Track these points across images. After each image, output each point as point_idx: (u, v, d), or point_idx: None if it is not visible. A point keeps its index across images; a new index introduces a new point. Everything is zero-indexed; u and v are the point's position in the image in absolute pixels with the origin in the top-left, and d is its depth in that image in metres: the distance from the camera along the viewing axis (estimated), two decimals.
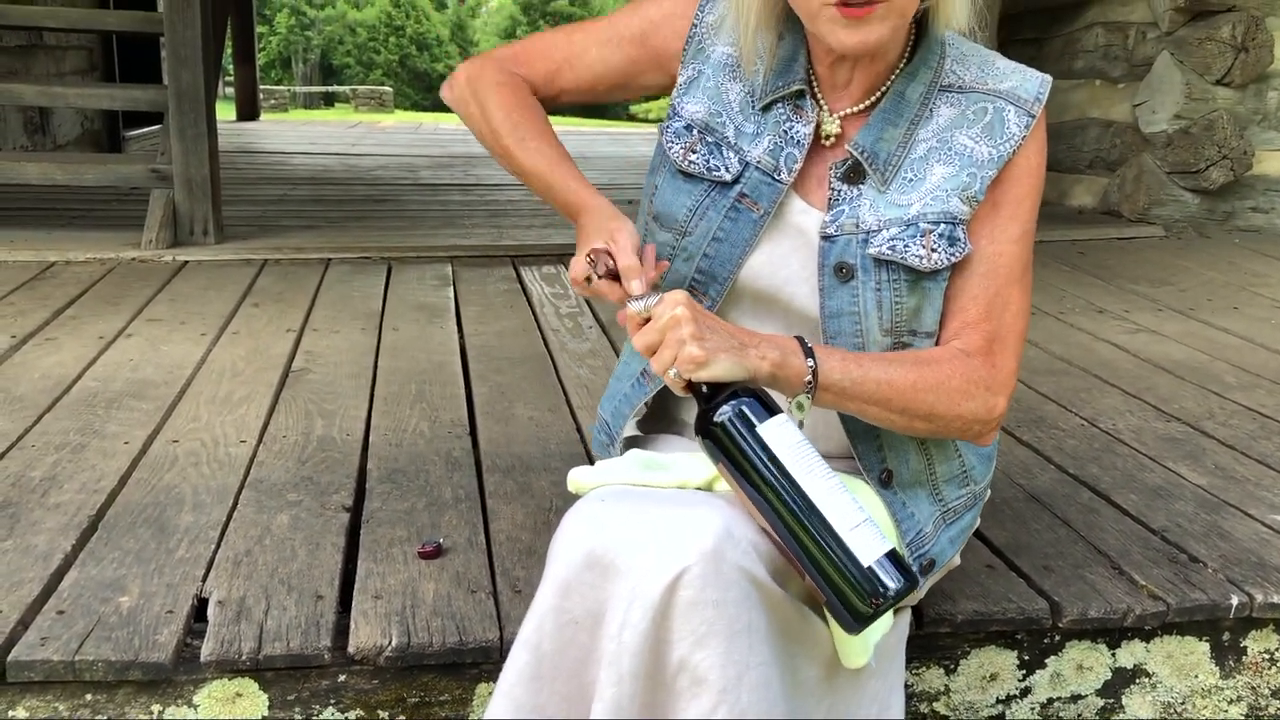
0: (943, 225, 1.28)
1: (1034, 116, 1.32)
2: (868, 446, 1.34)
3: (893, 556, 1.12)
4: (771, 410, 1.15)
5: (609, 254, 1.23)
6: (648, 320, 1.18)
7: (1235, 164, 4.65)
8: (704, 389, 1.17)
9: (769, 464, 1.13)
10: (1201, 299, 3.60)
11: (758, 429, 1.14)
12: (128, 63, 7.98)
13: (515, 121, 1.41)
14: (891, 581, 1.11)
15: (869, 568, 1.10)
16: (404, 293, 3.48)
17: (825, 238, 1.31)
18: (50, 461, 2.01)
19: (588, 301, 3.41)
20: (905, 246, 1.28)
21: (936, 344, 1.32)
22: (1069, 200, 5.41)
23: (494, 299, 3.44)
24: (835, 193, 1.32)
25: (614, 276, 1.22)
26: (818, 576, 1.12)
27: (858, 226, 1.30)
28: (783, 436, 1.14)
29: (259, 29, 15.22)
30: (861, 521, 1.12)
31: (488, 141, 1.44)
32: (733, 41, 1.38)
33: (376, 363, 2.70)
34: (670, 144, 1.38)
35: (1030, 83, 1.34)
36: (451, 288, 3.57)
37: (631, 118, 26.15)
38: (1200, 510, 1.93)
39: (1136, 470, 2.11)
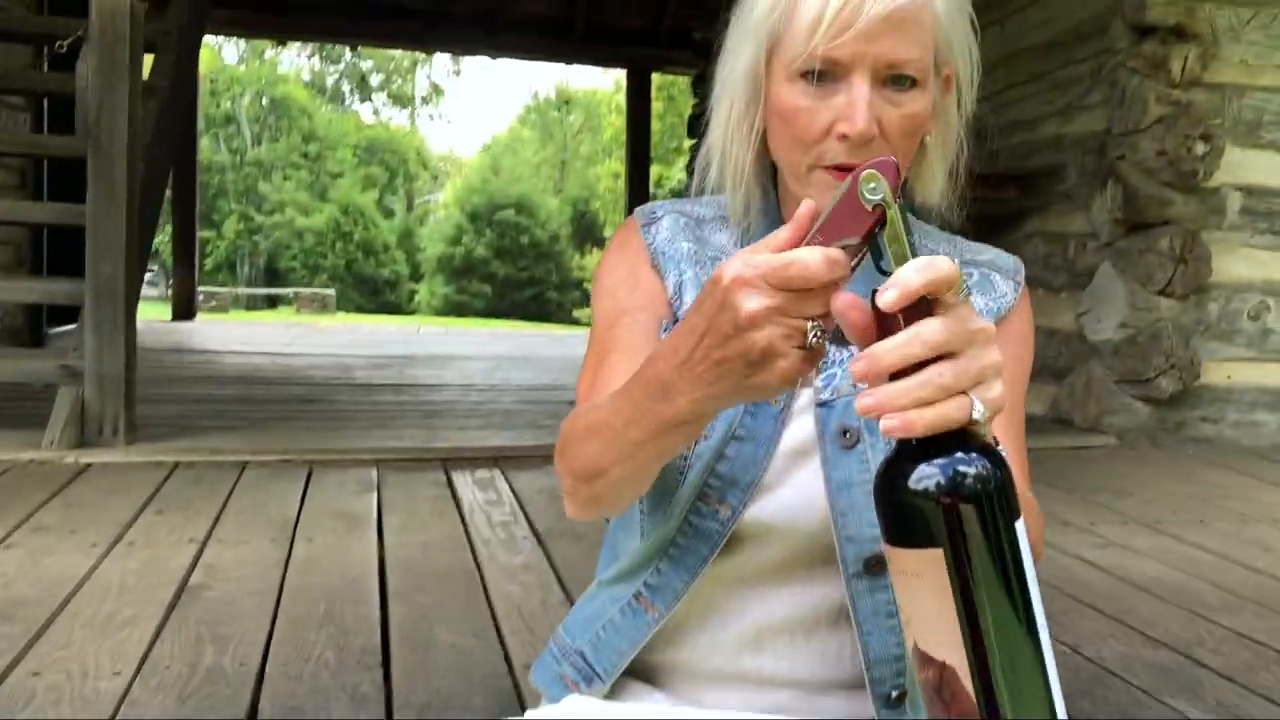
0: None
1: (1019, 284, 1.22)
2: (885, 658, 1.09)
3: None
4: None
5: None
6: (913, 310, 0.78)
7: (1183, 373, 4.60)
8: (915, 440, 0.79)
9: (1018, 572, 0.76)
10: (1166, 511, 3.44)
11: (1016, 523, 0.77)
12: (61, 256, 7.80)
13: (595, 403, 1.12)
14: None
15: None
16: (323, 499, 3.22)
17: (821, 404, 1.13)
18: None
19: (523, 509, 3.17)
20: None
21: None
22: None
23: (420, 506, 3.19)
24: (825, 355, 1.14)
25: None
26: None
27: (855, 386, 1.12)
28: (1026, 541, 0.78)
29: (205, 234, 15.26)
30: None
31: (606, 439, 1.13)
32: (691, 237, 1.21)
33: (284, 579, 2.43)
34: None
35: (1005, 258, 1.26)
36: (375, 494, 3.32)
37: (575, 322, 26.39)
38: None
39: (1133, 706, 1.88)
